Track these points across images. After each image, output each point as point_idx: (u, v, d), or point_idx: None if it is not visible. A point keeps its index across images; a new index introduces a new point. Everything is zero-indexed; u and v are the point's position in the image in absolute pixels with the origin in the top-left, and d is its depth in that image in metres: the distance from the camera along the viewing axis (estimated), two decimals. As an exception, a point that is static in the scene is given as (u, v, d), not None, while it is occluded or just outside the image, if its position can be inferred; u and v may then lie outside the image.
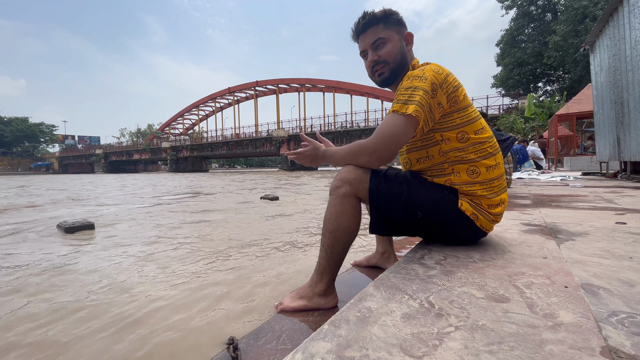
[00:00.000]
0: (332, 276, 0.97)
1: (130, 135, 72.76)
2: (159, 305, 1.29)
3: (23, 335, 1.07)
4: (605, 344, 0.48)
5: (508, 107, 24.86)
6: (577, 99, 9.00)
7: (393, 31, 1.00)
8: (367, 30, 1.00)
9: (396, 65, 1.00)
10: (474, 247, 1.03)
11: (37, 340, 1.04)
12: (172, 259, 1.95)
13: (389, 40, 0.99)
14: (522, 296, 0.65)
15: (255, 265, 1.79)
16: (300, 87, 41.39)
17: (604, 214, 1.70)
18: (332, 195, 0.95)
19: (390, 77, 1.02)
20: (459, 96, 0.93)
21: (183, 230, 2.89)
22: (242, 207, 4.59)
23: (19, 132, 57.96)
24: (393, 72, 1.01)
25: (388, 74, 1.01)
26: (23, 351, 0.98)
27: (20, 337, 1.07)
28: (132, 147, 56.52)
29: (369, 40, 1.00)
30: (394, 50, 0.99)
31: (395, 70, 1.00)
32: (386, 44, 0.99)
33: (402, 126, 0.88)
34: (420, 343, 0.49)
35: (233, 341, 0.78)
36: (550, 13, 26.56)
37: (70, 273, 1.72)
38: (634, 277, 0.75)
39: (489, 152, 0.95)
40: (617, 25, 4.15)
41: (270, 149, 37.64)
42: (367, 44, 1.01)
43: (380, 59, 1.00)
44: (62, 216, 3.86)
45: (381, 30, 0.99)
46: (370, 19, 0.99)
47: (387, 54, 0.99)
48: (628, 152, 4.10)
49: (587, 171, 6.94)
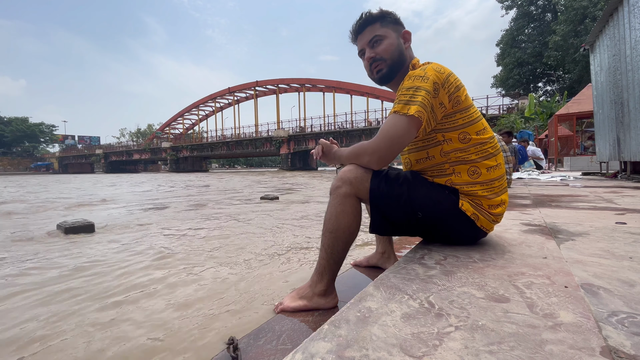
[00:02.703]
0: (332, 276, 0.97)
1: (130, 135, 72.80)
2: (160, 304, 1.29)
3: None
4: (605, 344, 0.48)
5: (508, 107, 24.86)
6: (577, 99, 9.00)
7: (390, 29, 1.01)
8: (364, 30, 1.02)
9: (393, 62, 1.00)
10: (474, 247, 1.03)
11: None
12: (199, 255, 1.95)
13: (386, 37, 1.00)
14: (522, 296, 0.65)
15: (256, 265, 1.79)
16: (300, 87, 41.38)
17: (604, 214, 1.70)
18: (333, 195, 0.95)
19: (389, 74, 1.02)
20: (461, 96, 0.93)
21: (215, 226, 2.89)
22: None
23: (19, 132, 57.93)
24: (391, 69, 1.01)
25: (386, 71, 1.01)
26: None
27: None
28: (132, 147, 56.52)
29: (366, 38, 1.01)
30: (390, 47, 1.00)
31: (392, 66, 1.01)
32: (383, 41, 1.00)
33: (404, 127, 0.88)
34: (420, 343, 0.49)
35: (233, 341, 0.78)
36: (550, 13, 26.57)
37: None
38: (634, 277, 0.75)
39: (490, 152, 0.95)
40: (617, 26, 4.15)
41: (270, 149, 37.65)
42: (365, 43, 1.02)
43: (377, 56, 1.00)
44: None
45: (378, 28, 1.00)
46: (367, 19, 1.01)
47: (384, 51, 1.00)
48: (628, 152, 4.10)
49: (587, 171, 6.93)
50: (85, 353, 0.97)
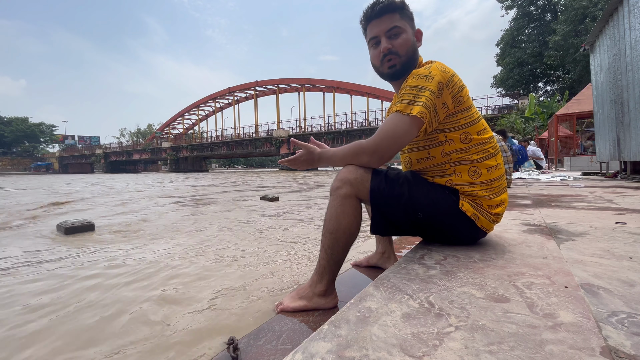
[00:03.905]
0: (332, 276, 0.97)
1: (130, 135, 72.76)
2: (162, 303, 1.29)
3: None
4: (605, 344, 0.48)
5: (508, 107, 24.86)
6: (577, 99, 9.01)
7: (407, 23, 0.96)
8: (383, 16, 0.94)
9: (408, 60, 0.96)
10: (474, 247, 1.03)
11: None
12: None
13: (404, 32, 0.94)
14: (522, 296, 0.65)
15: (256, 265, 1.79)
16: (300, 87, 41.38)
17: (604, 214, 1.70)
18: (333, 196, 0.94)
19: (401, 71, 0.97)
20: (464, 96, 0.92)
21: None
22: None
23: (19, 132, 57.95)
24: (404, 66, 0.97)
25: (399, 67, 0.96)
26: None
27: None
28: (132, 147, 56.52)
29: (385, 26, 0.94)
30: (408, 43, 0.95)
31: (406, 64, 0.97)
32: (401, 35, 0.94)
33: (406, 127, 0.87)
34: (420, 343, 0.49)
35: (233, 341, 0.78)
36: (550, 13, 26.58)
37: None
38: (634, 277, 0.75)
39: (490, 152, 0.95)
40: (617, 25, 4.15)
41: (270, 149, 37.66)
42: (382, 31, 0.95)
43: (393, 49, 0.95)
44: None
45: (398, 19, 0.94)
46: (388, 5, 0.93)
47: (401, 46, 0.95)
48: (628, 152, 4.10)
49: (587, 171, 6.94)
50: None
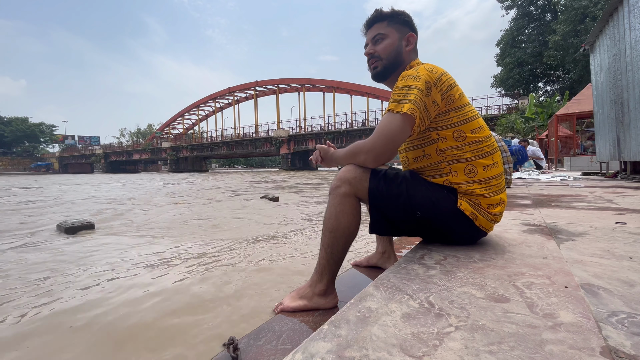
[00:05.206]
0: (332, 276, 0.97)
1: (130, 135, 72.71)
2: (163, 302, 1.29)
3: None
4: (605, 344, 0.48)
5: (508, 107, 24.87)
6: (577, 99, 9.01)
7: (394, 29, 1.04)
8: (373, 26, 1.07)
9: (389, 62, 1.04)
10: (474, 247, 1.03)
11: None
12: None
13: (387, 37, 1.04)
14: (522, 296, 0.65)
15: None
16: (300, 87, 41.39)
17: (604, 214, 1.70)
18: (332, 195, 0.95)
19: (383, 72, 1.06)
20: (455, 95, 0.94)
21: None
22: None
23: (19, 132, 57.87)
24: (385, 68, 1.05)
25: (381, 69, 1.06)
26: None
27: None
28: (132, 147, 56.51)
29: (371, 35, 1.06)
30: (389, 47, 1.03)
31: (387, 66, 1.05)
32: (384, 40, 1.04)
33: (399, 124, 0.89)
34: (420, 343, 0.49)
35: (233, 341, 0.78)
36: (550, 13, 26.57)
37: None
38: (634, 277, 0.75)
39: (486, 151, 0.96)
40: (617, 25, 4.15)
41: (270, 149, 37.66)
42: (369, 38, 1.07)
43: (375, 54, 1.05)
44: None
45: (384, 27, 1.04)
46: (377, 16, 1.05)
47: (382, 50, 1.04)
48: (628, 152, 4.10)
49: (587, 171, 6.94)
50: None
